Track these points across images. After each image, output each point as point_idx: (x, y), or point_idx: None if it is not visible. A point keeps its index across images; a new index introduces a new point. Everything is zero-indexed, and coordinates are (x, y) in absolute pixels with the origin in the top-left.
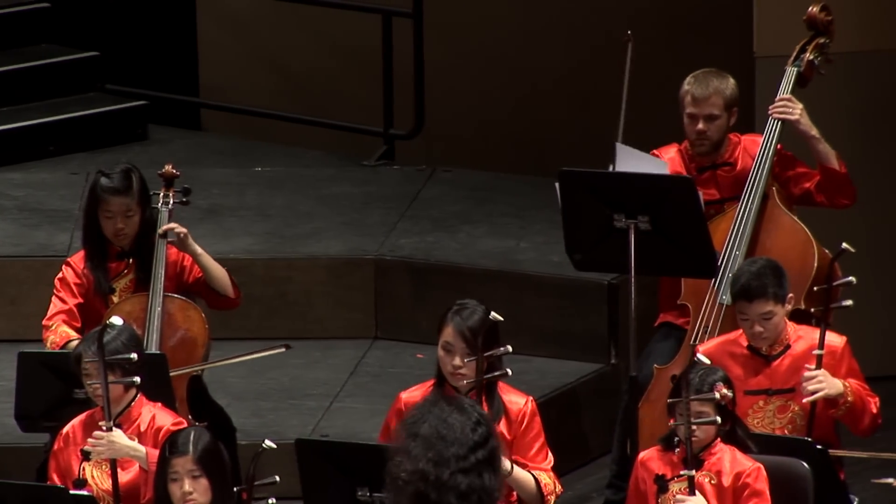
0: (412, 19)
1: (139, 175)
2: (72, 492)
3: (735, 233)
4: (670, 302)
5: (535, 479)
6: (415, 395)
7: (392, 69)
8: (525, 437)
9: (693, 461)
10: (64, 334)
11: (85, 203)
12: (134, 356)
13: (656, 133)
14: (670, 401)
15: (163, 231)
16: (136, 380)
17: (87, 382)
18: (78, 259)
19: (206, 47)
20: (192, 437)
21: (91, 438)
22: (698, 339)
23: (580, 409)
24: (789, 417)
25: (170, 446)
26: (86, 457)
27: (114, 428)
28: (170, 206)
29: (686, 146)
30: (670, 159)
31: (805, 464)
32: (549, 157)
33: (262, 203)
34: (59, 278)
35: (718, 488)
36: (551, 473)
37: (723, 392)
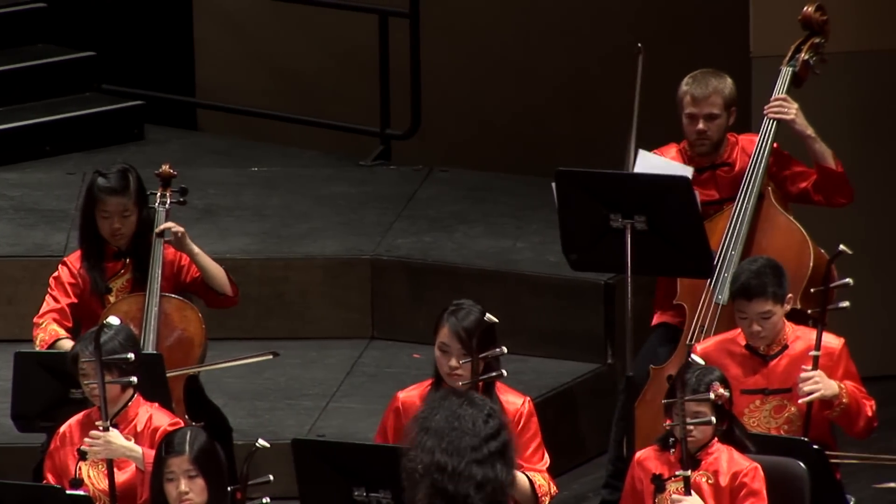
0: (408, 19)
1: (136, 175)
2: (68, 492)
3: (731, 232)
4: (667, 302)
5: (530, 481)
6: (412, 395)
7: (388, 69)
8: (521, 438)
9: (689, 461)
10: (53, 332)
11: (81, 203)
12: (131, 356)
13: (656, 133)
14: (666, 401)
15: (160, 230)
16: (133, 380)
17: (83, 382)
18: (74, 259)
19: (203, 47)
20: (188, 437)
21: (88, 438)
22: (694, 339)
23: (577, 409)
24: (786, 417)
25: (166, 446)
26: (82, 457)
27: (110, 428)
28: (167, 205)
29: (685, 146)
30: (670, 159)
31: (802, 464)
32: (546, 157)
33: (258, 203)
34: (53, 277)
35: (715, 488)
36: (546, 475)
37: (719, 392)
